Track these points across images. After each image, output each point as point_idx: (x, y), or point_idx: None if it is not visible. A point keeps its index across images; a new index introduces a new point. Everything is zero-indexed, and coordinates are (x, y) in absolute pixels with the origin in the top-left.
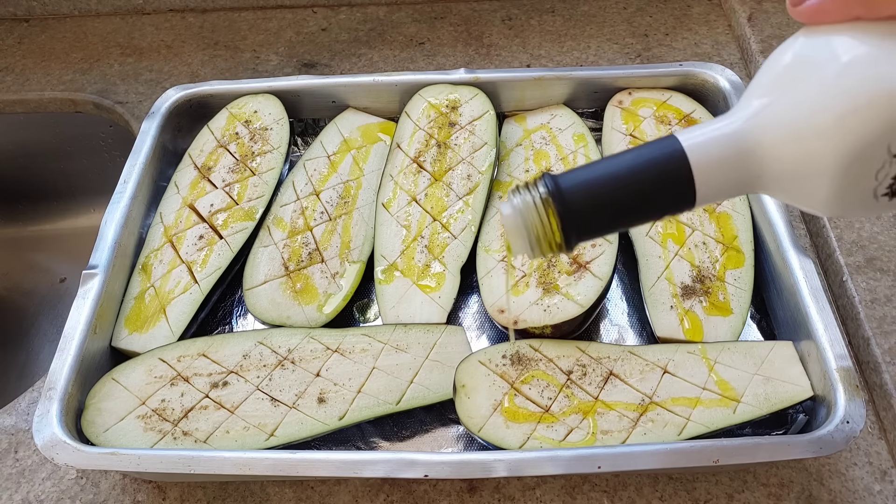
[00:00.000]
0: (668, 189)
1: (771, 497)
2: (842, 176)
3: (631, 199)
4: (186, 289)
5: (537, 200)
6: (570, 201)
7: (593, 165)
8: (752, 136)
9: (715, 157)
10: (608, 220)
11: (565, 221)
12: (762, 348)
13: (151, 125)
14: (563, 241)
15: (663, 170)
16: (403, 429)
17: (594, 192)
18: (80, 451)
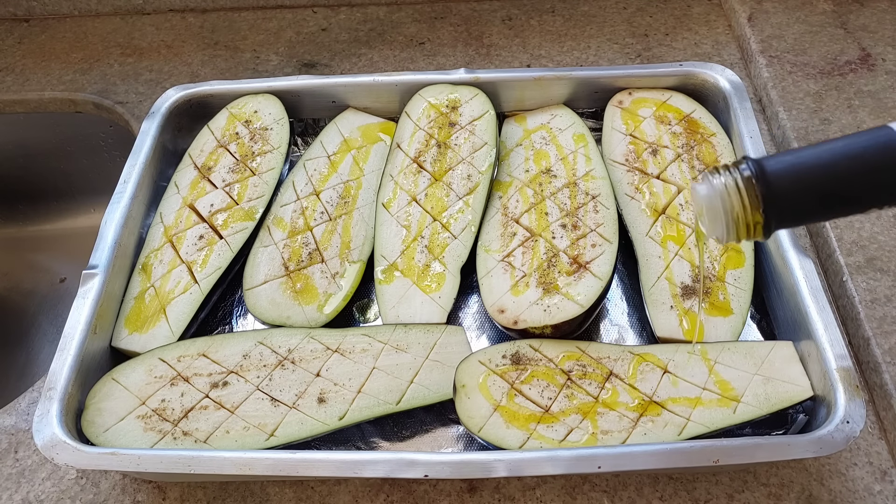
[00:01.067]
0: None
1: (771, 497)
2: None
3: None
4: (186, 289)
5: (739, 182)
6: (775, 184)
7: (801, 150)
8: None
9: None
10: (815, 208)
11: (768, 205)
12: (762, 348)
13: (151, 125)
14: (763, 225)
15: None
16: (403, 429)
17: (802, 176)
18: (80, 451)
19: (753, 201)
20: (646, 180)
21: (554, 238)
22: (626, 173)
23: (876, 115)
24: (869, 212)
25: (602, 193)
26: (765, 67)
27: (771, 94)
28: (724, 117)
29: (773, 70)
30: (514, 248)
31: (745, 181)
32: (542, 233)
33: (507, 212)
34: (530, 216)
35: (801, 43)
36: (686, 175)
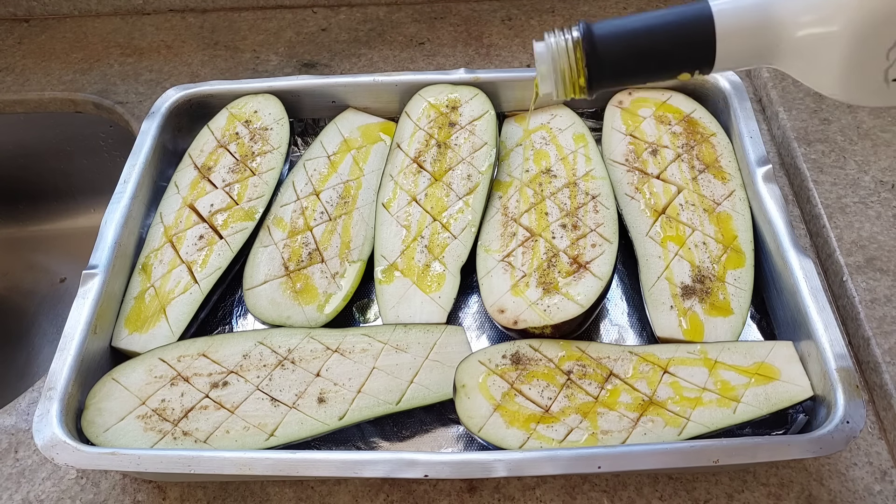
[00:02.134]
0: (692, 47)
1: (771, 497)
2: (850, 56)
3: (656, 51)
4: (186, 289)
5: (569, 42)
6: (599, 46)
7: (627, 17)
8: (781, 10)
9: (740, 24)
10: (631, 69)
11: (591, 64)
12: (762, 348)
13: (151, 125)
14: (587, 83)
15: (689, 27)
16: (403, 429)
17: (623, 40)
18: (80, 451)
19: (580, 60)
20: (646, 180)
21: (554, 238)
22: (626, 173)
23: (876, 114)
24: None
25: (602, 193)
26: (764, 67)
27: (771, 94)
28: (724, 117)
29: (773, 70)
30: (514, 248)
31: (573, 41)
32: (542, 233)
33: (507, 212)
34: (530, 216)
35: None
36: (686, 175)
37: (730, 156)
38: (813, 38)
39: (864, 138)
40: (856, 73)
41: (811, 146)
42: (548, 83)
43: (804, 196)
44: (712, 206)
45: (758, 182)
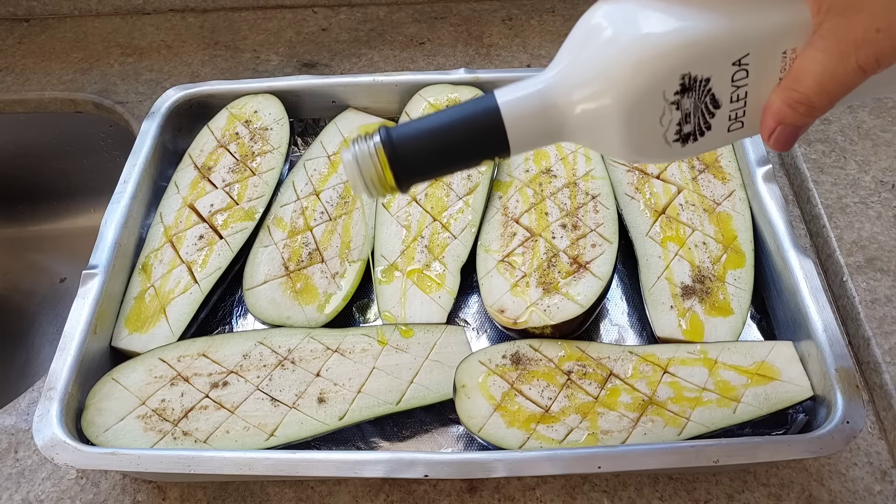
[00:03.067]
0: (484, 139)
1: (771, 497)
2: (627, 123)
3: (451, 147)
4: (186, 289)
5: (371, 148)
6: (400, 149)
7: (422, 119)
8: (556, 93)
9: (525, 111)
10: (431, 165)
11: (396, 167)
12: (762, 348)
13: (151, 125)
14: (396, 183)
15: (480, 122)
16: (403, 429)
17: (421, 141)
18: (80, 451)
19: (384, 163)
20: (646, 180)
21: (554, 238)
22: (625, 173)
23: (876, 115)
24: (480, 165)
25: (602, 193)
26: None
27: None
28: None
29: None
30: (514, 248)
31: (375, 147)
32: (542, 233)
33: (507, 212)
34: (530, 216)
35: None
36: (686, 175)
37: (730, 156)
38: (591, 115)
39: (864, 138)
40: (636, 139)
41: (811, 146)
42: (360, 188)
43: (804, 196)
44: (712, 206)
45: (758, 182)
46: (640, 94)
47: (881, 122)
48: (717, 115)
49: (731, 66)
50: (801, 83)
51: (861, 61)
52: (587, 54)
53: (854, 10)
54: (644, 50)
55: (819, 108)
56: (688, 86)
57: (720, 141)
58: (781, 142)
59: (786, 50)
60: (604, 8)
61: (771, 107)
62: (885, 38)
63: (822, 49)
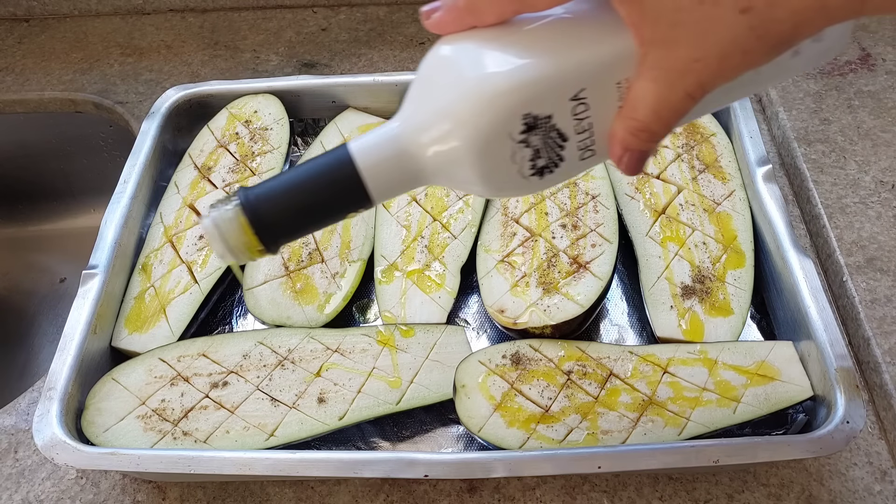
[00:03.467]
0: (344, 191)
1: (771, 497)
2: (479, 166)
3: (312, 203)
4: (186, 289)
5: (230, 213)
6: (260, 211)
7: (280, 176)
8: (406, 138)
9: (379, 159)
10: (296, 224)
11: (258, 229)
12: (762, 348)
13: (151, 125)
14: (262, 245)
15: (336, 174)
16: (403, 429)
17: (280, 201)
18: (80, 451)
19: (246, 227)
20: (646, 180)
21: (554, 238)
22: None
23: (876, 115)
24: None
25: (602, 193)
26: None
27: (771, 93)
28: (724, 117)
29: None
30: (514, 248)
31: (235, 211)
32: (542, 233)
33: (507, 212)
34: (530, 216)
35: None
36: (686, 175)
37: (730, 156)
38: (443, 158)
39: (864, 138)
40: (493, 178)
41: (811, 146)
42: (226, 255)
43: (804, 196)
44: (712, 206)
45: (758, 182)
46: (487, 136)
47: (881, 122)
48: (567, 146)
49: (569, 101)
50: (637, 111)
51: (688, 89)
52: (432, 98)
53: (671, 43)
54: (483, 95)
55: (658, 133)
56: (531, 124)
57: (578, 169)
58: (632, 166)
59: (620, 80)
60: (443, 51)
61: (615, 135)
62: (703, 68)
63: (651, 79)
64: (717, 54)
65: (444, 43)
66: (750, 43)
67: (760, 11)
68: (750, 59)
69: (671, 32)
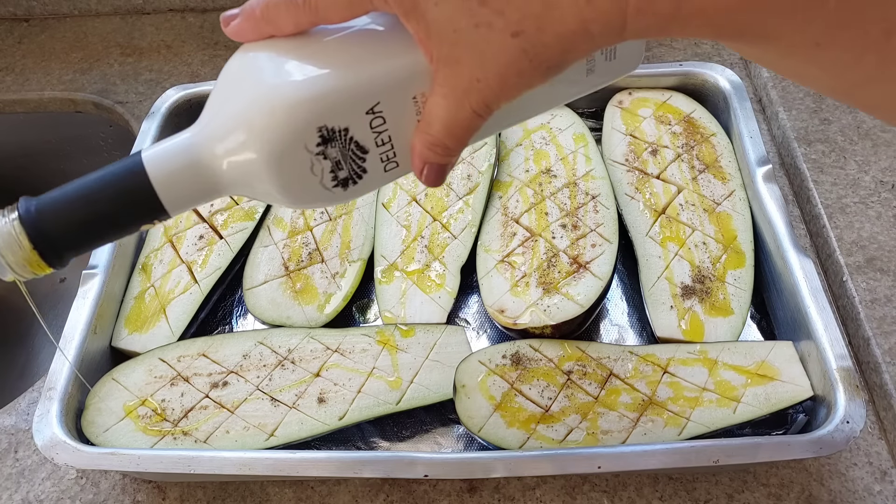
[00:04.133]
0: (135, 202)
1: (771, 497)
2: (277, 178)
3: (101, 214)
4: (186, 289)
5: (9, 226)
6: (42, 224)
7: (68, 185)
8: (200, 148)
9: (172, 169)
10: (83, 238)
11: (39, 244)
12: (762, 348)
13: (151, 125)
14: (45, 260)
15: (126, 184)
16: (403, 429)
17: (64, 212)
18: (80, 451)
19: (26, 242)
20: (646, 180)
21: (554, 238)
22: (626, 173)
23: None
24: (141, 230)
25: (602, 193)
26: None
27: (771, 93)
28: (724, 117)
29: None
30: (514, 247)
31: (14, 224)
32: (542, 233)
33: (507, 212)
34: (530, 216)
35: None
36: (686, 175)
37: (730, 156)
38: (239, 169)
39: (864, 138)
40: (293, 190)
41: (811, 146)
42: (4, 271)
43: (804, 196)
44: (712, 206)
45: (758, 182)
46: (281, 148)
47: (881, 122)
48: (368, 159)
49: (365, 114)
50: (432, 127)
51: (473, 106)
52: (227, 107)
53: (455, 62)
54: (275, 106)
55: (453, 149)
56: (328, 137)
57: (382, 180)
58: (432, 178)
59: (416, 95)
60: (239, 59)
61: (414, 149)
62: (485, 87)
63: (442, 95)
64: (496, 74)
65: (241, 51)
66: (523, 65)
67: (530, 36)
68: (526, 80)
69: (454, 52)
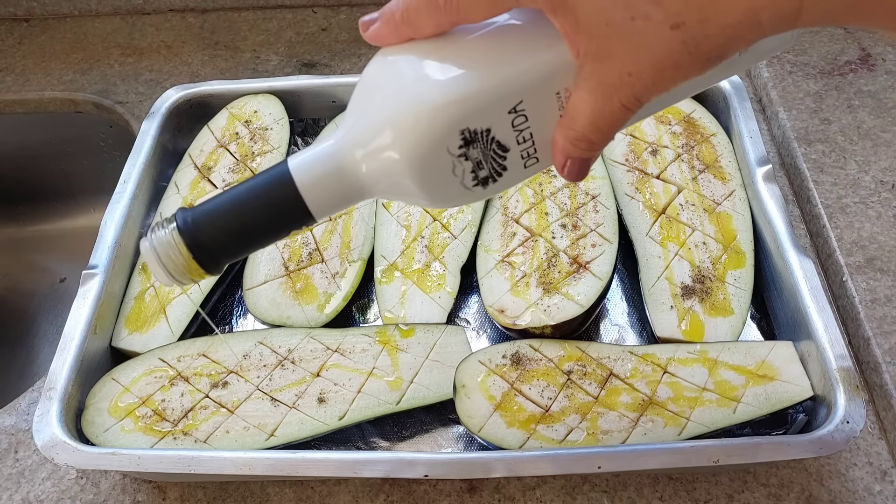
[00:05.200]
0: (283, 209)
1: (771, 497)
2: (420, 180)
3: (252, 223)
4: (186, 289)
5: (168, 237)
6: (198, 234)
7: (219, 197)
8: (343, 154)
9: (318, 176)
10: (236, 245)
11: (195, 252)
12: (762, 348)
13: (151, 125)
14: (203, 268)
15: (275, 193)
16: (403, 429)
17: (218, 222)
18: (80, 451)
19: (185, 250)
20: (646, 180)
21: (554, 238)
22: (625, 173)
23: (876, 115)
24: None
25: (602, 193)
26: (765, 67)
27: (771, 93)
28: (724, 117)
29: (773, 70)
30: (514, 247)
31: (173, 234)
32: (542, 233)
33: (507, 212)
34: (530, 216)
35: (801, 43)
36: (686, 175)
37: (730, 156)
38: (383, 174)
39: (864, 138)
40: (436, 191)
41: (811, 146)
42: (165, 279)
43: (804, 196)
44: (712, 206)
45: (758, 182)
46: (425, 152)
47: (881, 122)
48: (509, 157)
49: (507, 114)
50: (576, 122)
51: (623, 101)
52: (370, 113)
53: (606, 56)
54: (419, 110)
55: (598, 143)
56: (470, 139)
57: (522, 176)
58: (574, 173)
59: (559, 90)
60: (380, 63)
61: (556, 144)
62: (637, 81)
63: (587, 90)
64: (651, 68)
65: (381, 55)
66: (682, 57)
67: (692, 27)
68: (682, 73)
69: (605, 46)
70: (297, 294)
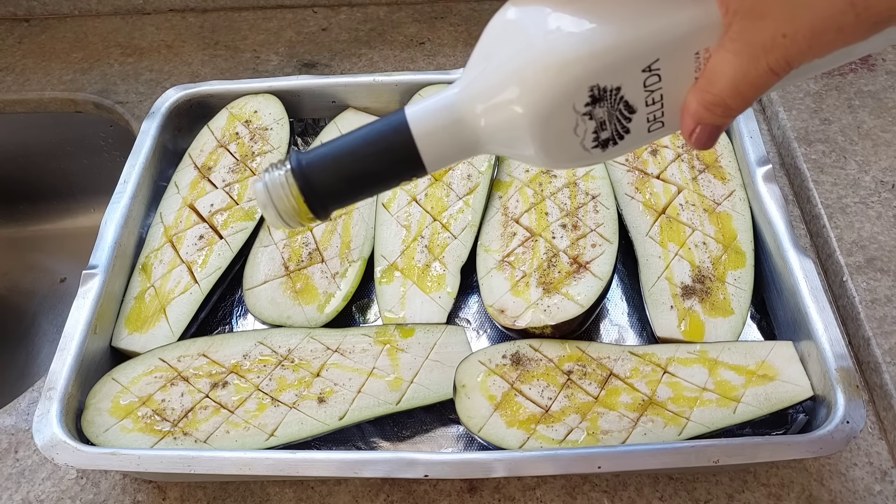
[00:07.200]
0: (397, 158)
1: (771, 497)
2: (541, 136)
3: (365, 170)
4: (186, 289)
5: (281, 178)
6: (310, 177)
7: (334, 140)
8: (464, 105)
9: (435, 126)
10: (347, 191)
11: (307, 195)
12: (762, 348)
13: (151, 125)
14: (311, 212)
15: (390, 141)
16: (403, 429)
17: (331, 167)
18: (80, 451)
19: (296, 192)
20: (646, 180)
21: (554, 238)
22: (626, 173)
23: (876, 115)
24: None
25: (602, 193)
26: None
27: (771, 93)
28: None
29: None
30: (514, 247)
31: (286, 177)
32: (542, 233)
33: (507, 212)
34: (530, 216)
35: None
36: (686, 175)
37: (730, 156)
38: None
39: (864, 138)
40: (553, 150)
41: (811, 146)
42: (276, 221)
43: (804, 196)
44: (712, 206)
45: (758, 182)
46: (551, 107)
47: (881, 122)
48: (634, 119)
49: (641, 72)
50: (715, 85)
51: (772, 64)
52: (494, 65)
53: (759, 15)
54: (549, 63)
55: (735, 109)
56: (598, 96)
57: (642, 141)
58: (703, 141)
59: (698, 51)
60: (508, 15)
61: (688, 108)
62: (791, 44)
63: (733, 51)
64: (809, 30)
65: (510, 5)
66: (847, 20)
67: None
68: (844, 37)
69: (759, 4)
70: (297, 294)
